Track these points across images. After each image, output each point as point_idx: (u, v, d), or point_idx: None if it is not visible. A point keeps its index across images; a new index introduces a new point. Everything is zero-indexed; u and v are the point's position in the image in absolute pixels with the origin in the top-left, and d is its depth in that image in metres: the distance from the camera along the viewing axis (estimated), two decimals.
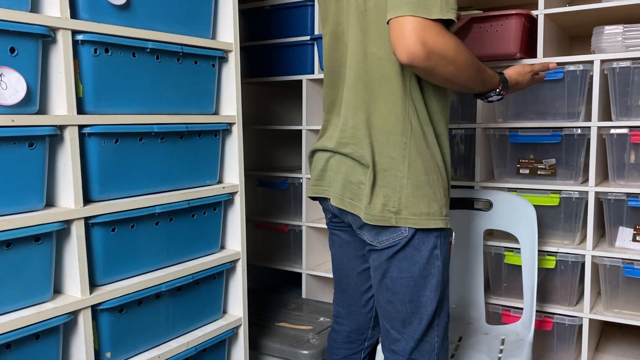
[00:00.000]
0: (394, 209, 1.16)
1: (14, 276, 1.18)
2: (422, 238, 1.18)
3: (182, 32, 1.50)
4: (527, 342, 1.59)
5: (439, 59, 1.05)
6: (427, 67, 1.06)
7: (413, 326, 1.22)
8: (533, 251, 1.68)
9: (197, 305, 1.60)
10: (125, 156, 1.39)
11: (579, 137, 1.76)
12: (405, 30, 1.03)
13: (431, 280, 1.20)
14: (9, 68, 1.15)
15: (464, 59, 1.09)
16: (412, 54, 1.03)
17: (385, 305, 1.25)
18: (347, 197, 1.23)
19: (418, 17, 1.02)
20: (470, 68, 1.12)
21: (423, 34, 1.02)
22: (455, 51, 1.06)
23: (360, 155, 1.19)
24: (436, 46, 1.03)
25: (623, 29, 1.68)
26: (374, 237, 1.21)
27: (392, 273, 1.21)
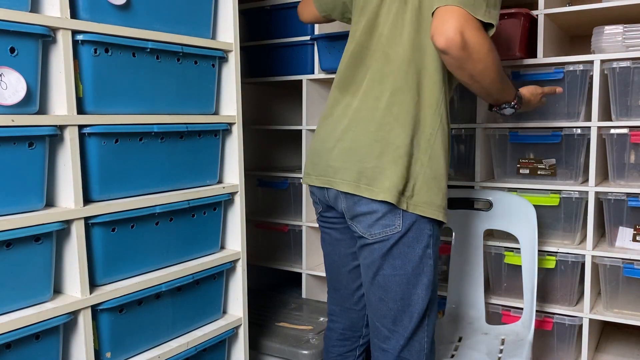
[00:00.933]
0: (408, 193, 1.20)
1: (14, 276, 1.18)
2: (416, 236, 1.20)
3: (182, 32, 1.50)
4: (527, 342, 1.59)
5: (472, 52, 1.11)
6: (459, 57, 1.11)
7: (404, 324, 1.23)
8: (533, 251, 1.68)
9: (197, 305, 1.60)
10: (125, 156, 1.39)
11: (579, 137, 1.76)
12: (450, 18, 1.10)
13: (423, 278, 1.22)
14: (9, 68, 1.15)
15: (493, 61, 1.15)
16: (449, 40, 1.09)
17: (376, 302, 1.26)
18: (364, 183, 1.22)
19: (465, 10, 1.10)
20: (495, 72, 1.17)
21: (464, 25, 1.09)
22: (487, 51, 1.13)
23: (382, 137, 1.21)
24: (472, 39, 1.10)
25: (623, 29, 1.68)
26: (366, 228, 1.22)
27: (385, 270, 1.22)
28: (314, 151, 1.36)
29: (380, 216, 1.21)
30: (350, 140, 1.25)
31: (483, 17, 1.12)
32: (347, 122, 1.27)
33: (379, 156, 1.21)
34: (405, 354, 1.25)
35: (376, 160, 1.21)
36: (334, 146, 1.28)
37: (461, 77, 1.19)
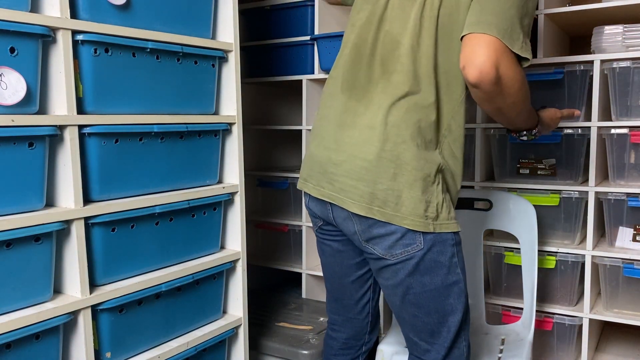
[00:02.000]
0: (432, 215, 1.14)
1: (14, 276, 1.18)
2: (440, 249, 1.16)
3: (182, 32, 1.50)
4: (527, 342, 1.59)
5: (504, 87, 1.05)
6: (491, 92, 1.05)
7: (442, 335, 1.21)
8: (533, 251, 1.68)
9: (197, 305, 1.60)
10: (125, 156, 1.39)
11: (579, 137, 1.76)
12: (485, 49, 1.02)
13: (454, 288, 1.19)
14: (9, 68, 1.15)
15: (524, 96, 1.11)
16: (484, 75, 1.02)
17: (410, 319, 1.22)
18: (377, 206, 1.14)
19: (502, 42, 1.02)
20: (524, 105, 1.14)
21: (500, 59, 1.02)
22: (519, 86, 1.07)
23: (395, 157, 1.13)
24: (507, 74, 1.03)
25: (623, 29, 1.68)
26: (386, 250, 1.16)
27: (415, 289, 1.18)
28: (313, 157, 1.26)
29: (400, 237, 1.14)
30: (360, 157, 1.15)
31: (520, 51, 1.05)
32: (356, 134, 1.16)
33: (394, 177, 1.13)
34: None
35: (391, 182, 1.13)
36: (342, 160, 1.17)
37: (487, 109, 1.15)
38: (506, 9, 1.05)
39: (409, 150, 1.13)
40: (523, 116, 1.20)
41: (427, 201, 1.14)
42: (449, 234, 1.17)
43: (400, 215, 1.13)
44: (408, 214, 1.13)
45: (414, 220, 1.13)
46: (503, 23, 1.03)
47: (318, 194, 1.23)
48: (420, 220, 1.13)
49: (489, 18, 1.04)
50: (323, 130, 1.24)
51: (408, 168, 1.13)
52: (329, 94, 1.27)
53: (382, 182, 1.13)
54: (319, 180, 1.23)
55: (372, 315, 1.41)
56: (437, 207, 1.15)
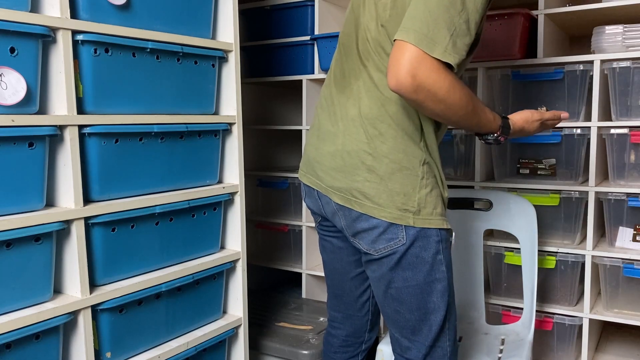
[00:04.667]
0: (413, 209, 1.15)
1: (14, 276, 1.18)
2: (424, 245, 1.16)
3: (182, 32, 1.50)
4: (527, 342, 1.59)
5: (427, 95, 1.02)
6: (414, 100, 1.03)
7: (423, 333, 1.21)
8: (533, 251, 1.68)
9: (197, 305, 1.59)
10: (125, 156, 1.39)
11: (579, 137, 1.76)
12: (402, 56, 1.01)
13: (437, 285, 1.18)
14: (9, 68, 1.15)
15: (455, 100, 1.05)
16: (400, 83, 1.01)
17: (392, 314, 1.23)
18: (355, 197, 1.18)
19: (419, 49, 1.00)
20: (462, 110, 1.07)
21: (417, 67, 1.00)
22: (446, 91, 1.02)
23: (374, 149, 1.15)
24: (427, 82, 1.00)
25: (623, 29, 1.68)
26: (370, 244, 1.18)
27: (397, 283, 1.19)
28: (307, 147, 1.32)
29: (382, 231, 1.16)
30: (341, 149, 1.19)
31: (440, 56, 1.00)
32: (340, 126, 1.20)
33: (371, 170, 1.15)
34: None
35: (368, 174, 1.16)
36: (327, 151, 1.22)
37: (425, 114, 1.13)
38: (430, 12, 1.01)
39: (385, 142, 1.15)
40: (468, 121, 1.12)
41: (406, 194, 1.15)
42: (433, 230, 1.16)
43: (378, 208, 1.15)
44: (386, 206, 1.14)
45: (392, 212, 1.14)
46: (423, 28, 1.00)
47: (308, 181, 1.29)
48: (399, 213, 1.14)
49: (409, 23, 1.02)
50: (317, 121, 1.30)
51: (385, 161, 1.15)
52: (325, 86, 1.32)
53: (360, 174, 1.16)
54: (310, 169, 1.29)
55: (372, 313, 1.41)
56: (418, 201, 1.15)
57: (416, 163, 1.16)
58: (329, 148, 1.21)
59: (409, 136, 1.16)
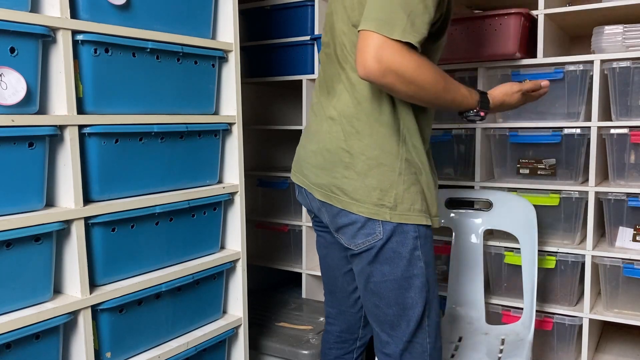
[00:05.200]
0: (389, 204, 1.17)
1: (14, 276, 1.18)
2: (400, 240, 1.18)
3: (182, 32, 1.50)
4: (527, 342, 1.59)
5: (395, 77, 1.05)
6: (384, 84, 1.07)
7: (401, 328, 1.22)
8: (533, 251, 1.68)
9: (197, 305, 1.60)
10: (125, 156, 1.39)
11: (579, 137, 1.76)
12: (366, 45, 1.05)
13: (415, 281, 1.20)
14: (9, 68, 1.15)
15: (426, 79, 1.07)
16: (367, 70, 1.05)
17: (372, 309, 1.25)
18: (335, 194, 1.21)
19: (380, 35, 1.03)
20: (433, 88, 1.10)
21: (381, 52, 1.03)
22: (413, 71, 1.05)
23: (350, 146, 1.19)
24: (393, 65, 1.03)
25: (623, 29, 1.68)
26: (350, 239, 1.21)
27: (375, 277, 1.21)
28: (298, 147, 1.36)
29: (360, 226, 1.19)
30: (322, 147, 1.23)
31: (400, 37, 1.03)
32: (324, 125, 1.24)
33: (348, 166, 1.19)
34: (406, 357, 1.24)
35: (346, 171, 1.19)
36: (311, 150, 1.27)
37: (401, 98, 1.15)
38: (388, 4, 1.05)
39: (362, 140, 1.18)
40: (441, 99, 1.14)
41: (383, 189, 1.17)
42: (410, 226, 1.18)
43: (356, 203, 1.18)
44: (363, 201, 1.17)
45: (369, 208, 1.17)
46: (380, 14, 1.04)
47: (297, 180, 1.34)
48: (376, 209, 1.17)
49: (368, 13, 1.06)
50: (307, 122, 1.36)
51: (362, 158, 1.18)
52: (314, 89, 1.36)
53: (338, 171, 1.20)
54: (298, 168, 1.34)
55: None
56: (395, 197, 1.17)
57: (394, 160, 1.18)
58: (313, 147, 1.26)
59: (386, 133, 1.18)
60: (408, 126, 1.19)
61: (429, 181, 1.23)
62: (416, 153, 1.21)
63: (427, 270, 1.21)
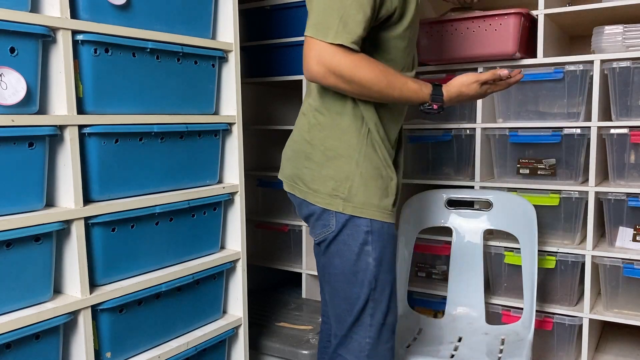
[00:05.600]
0: (343, 195, 1.20)
1: (14, 276, 1.18)
2: (351, 233, 1.20)
3: (182, 32, 1.50)
4: (527, 342, 1.59)
5: (336, 78, 1.11)
6: (328, 85, 1.13)
7: (342, 323, 1.24)
8: (533, 251, 1.68)
9: (197, 305, 1.59)
10: (125, 156, 1.39)
11: (579, 137, 1.76)
12: (307, 50, 1.12)
13: (360, 276, 1.21)
14: (9, 68, 1.15)
15: (365, 77, 1.12)
16: (310, 73, 1.12)
17: (329, 300, 1.28)
18: (297, 184, 1.26)
19: (316, 39, 1.10)
20: (376, 86, 1.13)
21: (319, 56, 1.10)
22: (351, 71, 1.10)
23: (311, 138, 1.23)
24: (330, 67, 1.10)
25: (623, 29, 1.68)
26: (312, 230, 1.26)
27: (328, 269, 1.24)
28: None
29: (317, 217, 1.23)
30: (292, 140, 1.32)
31: (333, 40, 1.09)
32: (297, 121, 1.32)
33: (308, 157, 1.23)
34: (341, 351, 1.25)
35: (306, 162, 1.24)
36: (287, 144, 1.35)
37: (350, 96, 1.19)
38: (322, 2, 1.11)
39: (322, 131, 1.22)
40: (391, 94, 1.16)
41: (338, 180, 1.20)
42: (363, 220, 1.19)
43: (313, 193, 1.22)
44: (319, 192, 1.21)
45: (324, 198, 1.21)
46: (317, 19, 1.11)
47: (279, 175, 1.38)
48: (330, 199, 1.20)
49: (308, 19, 1.13)
50: None
51: (321, 148, 1.22)
52: None
53: (300, 161, 1.26)
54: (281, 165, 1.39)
55: None
56: (349, 188, 1.20)
57: (353, 152, 1.20)
58: (288, 141, 1.34)
59: (347, 126, 1.21)
60: (371, 121, 1.22)
61: (391, 177, 1.24)
62: (379, 148, 1.23)
63: (377, 267, 1.21)
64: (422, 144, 2.04)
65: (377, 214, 1.20)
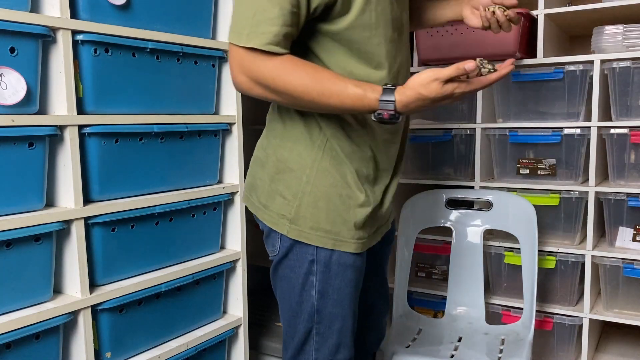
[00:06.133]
0: (290, 216, 1.05)
1: (14, 276, 1.18)
2: (297, 259, 1.07)
3: (182, 32, 1.50)
4: (527, 342, 1.59)
5: (262, 88, 0.96)
6: (258, 97, 0.98)
7: (287, 349, 1.13)
8: (533, 251, 1.68)
9: (197, 305, 1.59)
10: (125, 156, 1.39)
11: (579, 137, 1.76)
12: (230, 58, 0.98)
13: (303, 307, 1.08)
14: (9, 68, 1.15)
15: (290, 85, 0.94)
16: (236, 85, 0.99)
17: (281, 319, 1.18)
18: (250, 195, 1.14)
19: (234, 45, 0.96)
20: (305, 94, 0.95)
21: (240, 63, 0.96)
22: (273, 79, 0.94)
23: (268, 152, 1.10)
24: (253, 75, 0.95)
25: (623, 29, 1.68)
26: (266, 246, 1.14)
27: (276, 291, 1.14)
28: None
29: (266, 235, 1.12)
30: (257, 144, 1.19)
31: (246, 43, 0.93)
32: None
33: (263, 166, 1.10)
34: None
35: (260, 171, 1.11)
36: None
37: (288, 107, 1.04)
38: (238, 4, 0.97)
39: (275, 138, 1.09)
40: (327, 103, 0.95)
41: (286, 197, 1.05)
42: (309, 247, 1.04)
43: (262, 209, 1.10)
44: (267, 207, 1.09)
45: (271, 216, 1.08)
46: (233, 25, 0.97)
47: None
48: (277, 218, 1.06)
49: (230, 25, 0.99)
50: None
51: (273, 158, 1.08)
52: None
53: (257, 170, 1.13)
54: None
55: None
56: (297, 209, 1.04)
57: (304, 166, 1.04)
58: None
59: (299, 136, 1.05)
60: (330, 131, 1.04)
61: (358, 200, 1.06)
62: (342, 163, 1.04)
63: (320, 301, 1.06)
64: (422, 144, 2.04)
65: (327, 241, 1.04)
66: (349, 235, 1.06)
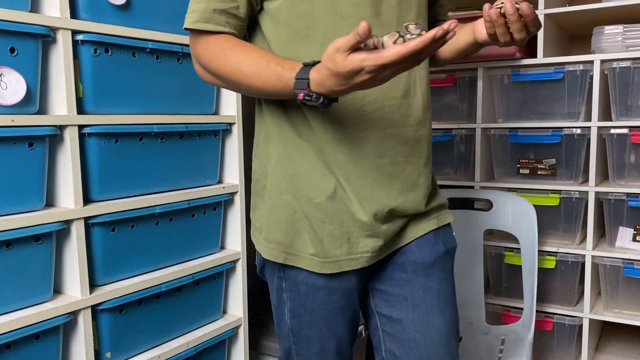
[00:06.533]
0: (257, 224, 1.00)
1: (14, 276, 1.18)
2: (268, 275, 1.01)
3: (182, 32, 1.50)
4: (527, 342, 1.59)
5: (205, 72, 0.92)
6: (211, 83, 0.94)
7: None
8: (533, 251, 1.68)
9: (197, 305, 1.59)
10: (125, 156, 1.39)
11: (579, 137, 1.76)
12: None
13: (282, 324, 1.01)
14: (9, 68, 1.15)
15: (217, 64, 0.88)
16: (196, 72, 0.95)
17: None
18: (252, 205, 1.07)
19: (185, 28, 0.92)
20: (231, 75, 0.87)
21: (191, 43, 0.93)
22: (205, 59, 0.89)
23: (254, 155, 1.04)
24: (195, 58, 0.92)
25: (623, 29, 1.68)
26: None
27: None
28: None
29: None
30: None
31: (185, 24, 0.90)
32: None
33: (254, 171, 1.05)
34: None
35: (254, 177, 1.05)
36: None
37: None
38: None
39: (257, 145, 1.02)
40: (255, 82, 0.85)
41: (254, 208, 1.01)
42: (274, 264, 0.96)
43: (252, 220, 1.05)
44: (251, 220, 1.05)
45: (253, 228, 1.03)
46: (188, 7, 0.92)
47: None
48: (253, 229, 1.02)
49: None
50: None
51: (254, 166, 1.03)
52: None
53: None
54: None
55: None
56: (260, 219, 0.98)
57: (265, 170, 0.97)
58: None
59: (266, 139, 0.97)
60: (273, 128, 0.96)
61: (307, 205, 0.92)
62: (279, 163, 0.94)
63: (293, 320, 0.98)
64: None
65: (277, 254, 0.94)
66: (303, 249, 0.93)
